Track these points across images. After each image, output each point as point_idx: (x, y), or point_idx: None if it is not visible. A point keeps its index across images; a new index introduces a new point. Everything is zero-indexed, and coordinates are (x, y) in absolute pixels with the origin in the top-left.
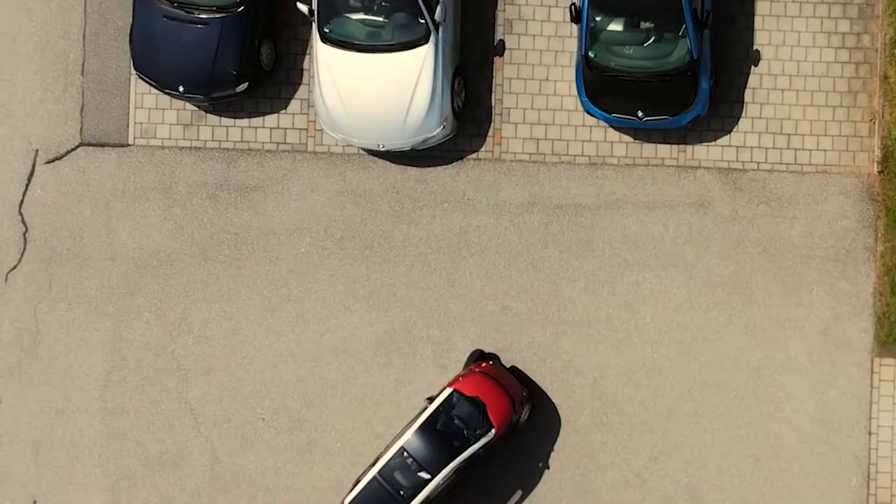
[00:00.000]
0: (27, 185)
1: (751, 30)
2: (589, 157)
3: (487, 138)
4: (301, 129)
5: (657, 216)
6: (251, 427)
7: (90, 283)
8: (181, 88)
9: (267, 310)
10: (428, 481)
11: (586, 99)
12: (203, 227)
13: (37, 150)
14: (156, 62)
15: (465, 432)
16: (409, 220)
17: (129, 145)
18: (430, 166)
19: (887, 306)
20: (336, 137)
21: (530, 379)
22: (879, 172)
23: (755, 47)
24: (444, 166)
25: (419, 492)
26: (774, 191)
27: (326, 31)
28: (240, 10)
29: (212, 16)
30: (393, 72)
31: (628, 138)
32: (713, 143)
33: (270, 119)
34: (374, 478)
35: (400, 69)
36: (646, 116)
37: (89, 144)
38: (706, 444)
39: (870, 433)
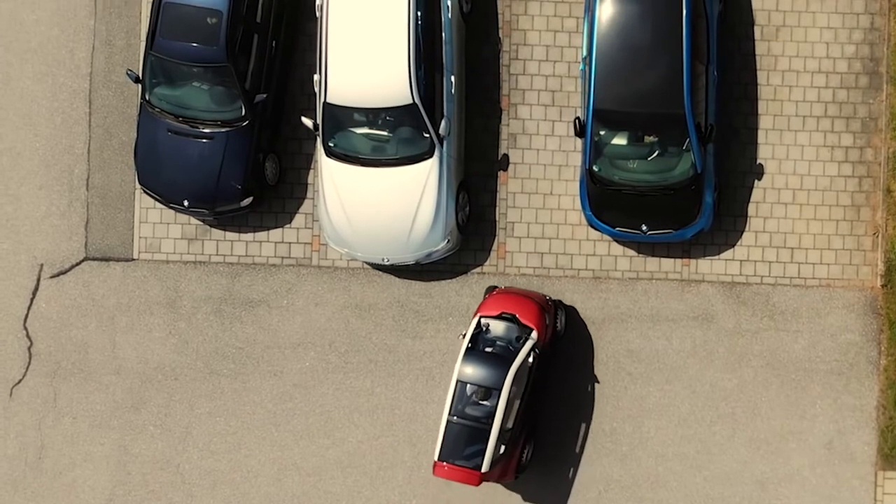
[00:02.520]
0: (32, 300)
1: (754, 144)
2: (593, 270)
3: (492, 252)
4: (305, 243)
5: (661, 330)
6: None
7: (95, 398)
8: (186, 203)
9: (272, 424)
10: (497, 402)
11: (590, 213)
12: (207, 341)
13: (41, 265)
14: (160, 177)
15: (509, 346)
16: (413, 334)
17: (133, 259)
18: (434, 280)
19: (891, 420)
20: (340, 251)
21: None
22: (883, 286)
23: (758, 161)
24: (449, 280)
25: (495, 413)
26: (778, 304)
27: (331, 145)
28: (244, 124)
29: (216, 130)
30: (397, 186)
31: (632, 252)
32: (717, 257)
33: (275, 233)
34: (448, 421)
35: (404, 183)
36: (650, 230)
37: (94, 259)
38: None
39: None
